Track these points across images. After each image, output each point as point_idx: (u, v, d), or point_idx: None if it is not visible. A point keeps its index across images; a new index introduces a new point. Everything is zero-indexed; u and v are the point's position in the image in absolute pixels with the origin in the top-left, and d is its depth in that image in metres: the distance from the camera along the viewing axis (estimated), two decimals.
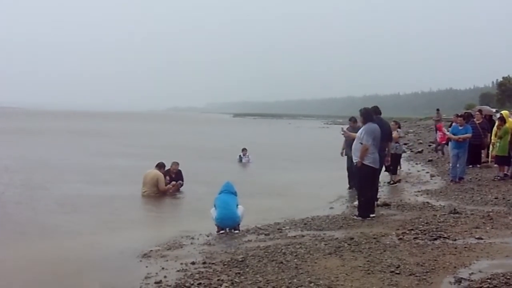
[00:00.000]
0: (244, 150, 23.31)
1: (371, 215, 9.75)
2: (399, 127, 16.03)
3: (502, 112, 17.07)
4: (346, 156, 14.26)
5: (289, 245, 7.55)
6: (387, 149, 11.39)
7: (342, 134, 12.42)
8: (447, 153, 21.16)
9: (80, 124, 62.72)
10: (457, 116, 15.85)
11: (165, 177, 14.26)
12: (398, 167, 17.98)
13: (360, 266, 6.26)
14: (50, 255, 8.11)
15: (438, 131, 22.44)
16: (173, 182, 14.47)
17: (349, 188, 14.15)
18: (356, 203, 11.15)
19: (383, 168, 12.04)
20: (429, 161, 20.79)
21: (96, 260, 7.65)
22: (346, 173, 14.43)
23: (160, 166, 14.40)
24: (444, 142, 21.27)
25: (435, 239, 7.56)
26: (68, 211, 11.87)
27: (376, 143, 9.86)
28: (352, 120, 14.19)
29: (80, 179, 16.92)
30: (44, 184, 15.76)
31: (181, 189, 14.67)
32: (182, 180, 14.81)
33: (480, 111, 19.26)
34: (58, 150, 27.76)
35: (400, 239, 7.67)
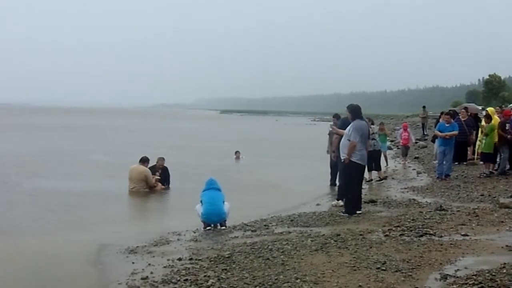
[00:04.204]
0: (237, 152, 23.23)
1: (358, 212, 9.78)
2: (373, 124, 16.46)
3: (488, 109, 17.18)
4: (332, 153, 14.27)
5: (275, 241, 7.54)
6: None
7: (331, 130, 12.45)
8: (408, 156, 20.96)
9: (66, 120, 62.28)
10: (443, 113, 15.88)
11: (152, 173, 14.08)
12: (385, 165, 18.11)
13: (346, 263, 6.26)
14: (36, 252, 8.01)
15: (404, 131, 20.47)
16: (158, 180, 14.23)
17: (331, 184, 14.23)
18: (334, 202, 11.22)
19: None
20: (415, 158, 20.89)
21: (81, 256, 7.58)
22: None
23: (144, 160, 14.11)
24: (407, 144, 20.45)
25: (421, 235, 7.59)
26: (54, 207, 11.75)
27: (364, 140, 9.88)
28: (336, 117, 14.22)
29: (65, 175, 16.79)
30: (28, 180, 15.59)
31: (170, 185, 14.52)
32: (169, 176, 14.59)
33: (465, 108, 19.35)
34: (43, 146, 27.52)
35: (386, 235, 7.69)
